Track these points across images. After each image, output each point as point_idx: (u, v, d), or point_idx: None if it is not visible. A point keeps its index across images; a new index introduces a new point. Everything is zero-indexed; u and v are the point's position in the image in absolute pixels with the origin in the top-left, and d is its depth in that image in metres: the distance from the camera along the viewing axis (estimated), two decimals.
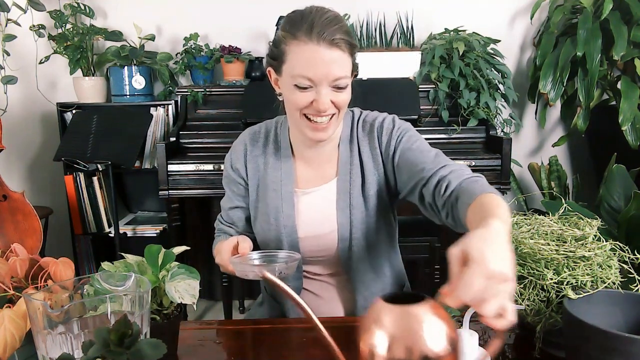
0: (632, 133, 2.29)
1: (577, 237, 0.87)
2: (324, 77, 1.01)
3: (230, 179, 1.22)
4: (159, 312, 0.86)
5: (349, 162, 1.15)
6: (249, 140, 1.21)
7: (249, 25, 2.78)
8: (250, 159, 1.19)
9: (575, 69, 2.41)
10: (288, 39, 1.03)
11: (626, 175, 1.99)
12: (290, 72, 1.03)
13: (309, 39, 1.00)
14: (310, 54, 1.00)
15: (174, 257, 0.88)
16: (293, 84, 1.03)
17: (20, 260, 0.82)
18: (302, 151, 1.17)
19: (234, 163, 1.20)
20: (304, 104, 1.03)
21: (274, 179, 1.17)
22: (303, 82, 1.02)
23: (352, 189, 1.14)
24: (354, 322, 1.04)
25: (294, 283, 1.19)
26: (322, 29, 1.00)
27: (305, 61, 1.01)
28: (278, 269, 0.96)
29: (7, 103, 2.70)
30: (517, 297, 0.85)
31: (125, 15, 2.76)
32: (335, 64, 1.01)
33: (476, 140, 2.44)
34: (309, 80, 1.01)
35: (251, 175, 1.19)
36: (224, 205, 1.25)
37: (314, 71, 1.00)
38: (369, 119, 1.18)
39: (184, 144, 2.45)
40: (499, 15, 2.78)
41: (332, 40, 0.99)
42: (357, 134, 1.17)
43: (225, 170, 1.23)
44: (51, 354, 0.67)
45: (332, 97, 1.03)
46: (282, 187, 1.16)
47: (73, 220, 2.69)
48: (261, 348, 0.95)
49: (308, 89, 1.02)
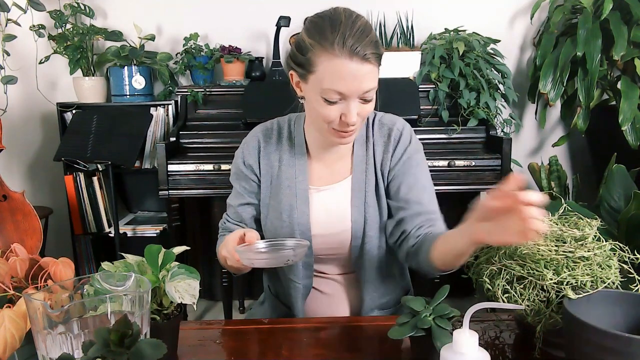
0: (632, 133, 2.29)
1: (577, 237, 0.87)
2: (355, 92, 0.99)
3: (241, 175, 1.20)
4: (159, 312, 0.86)
5: (364, 160, 1.15)
6: (262, 136, 1.19)
7: (249, 25, 2.78)
8: (264, 155, 1.18)
9: (575, 69, 2.41)
10: (317, 49, 0.98)
11: (626, 175, 1.99)
12: (319, 84, 1.00)
13: (341, 53, 0.97)
14: (342, 68, 0.97)
15: (174, 257, 0.88)
16: (322, 96, 1.01)
17: (20, 260, 0.82)
18: (317, 150, 1.16)
19: (247, 159, 1.19)
20: (332, 118, 1.02)
21: (288, 175, 1.16)
22: (333, 97, 1.00)
23: (367, 187, 1.14)
24: (358, 322, 1.04)
25: (304, 282, 1.19)
26: (354, 44, 0.96)
27: (337, 76, 0.98)
28: (286, 256, 0.94)
29: (7, 103, 2.70)
30: (517, 297, 0.85)
31: (125, 15, 2.76)
32: (365, 78, 0.99)
33: (476, 140, 2.44)
34: (339, 94, 1.00)
35: (264, 172, 1.18)
36: (231, 202, 1.22)
37: (346, 86, 0.98)
38: (386, 122, 1.17)
39: (184, 144, 2.45)
40: (499, 15, 2.78)
41: (364, 56, 0.97)
42: (372, 134, 1.16)
43: (236, 166, 1.21)
44: (51, 354, 0.67)
45: (359, 109, 1.02)
46: (296, 185, 1.15)
47: (73, 220, 2.69)
48: (261, 348, 0.95)
49: (337, 102, 1.01)
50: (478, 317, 1.02)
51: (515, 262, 0.87)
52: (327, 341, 0.96)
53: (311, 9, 1.09)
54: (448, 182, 2.30)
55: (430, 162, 2.28)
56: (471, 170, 2.30)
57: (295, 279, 1.18)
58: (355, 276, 1.20)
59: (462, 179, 2.30)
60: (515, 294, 0.85)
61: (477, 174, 2.30)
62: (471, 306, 0.69)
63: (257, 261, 0.96)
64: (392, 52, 2.55)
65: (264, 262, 0.99)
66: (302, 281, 1.18)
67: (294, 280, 1.18)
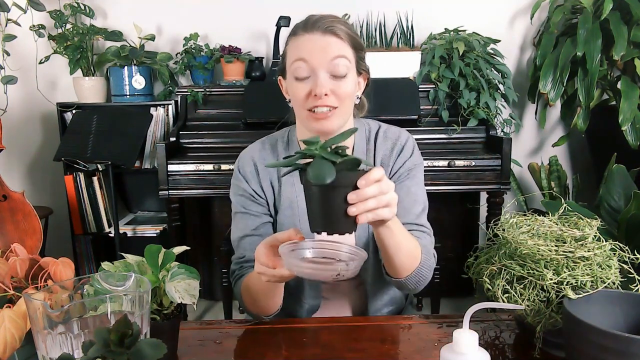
0: (632, 133, 2.29)
1: (577, 237, 0.87)
2: (317, 59, 1.00)
3: (248, 204, 1.14)
4: (159, 312, 0.86)
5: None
6: (257, 157, 1.16)
7: (249, 25, 2.78)
8: (263, 176, 1.15)
9: (575, 69, 2.41)
10: (288, 40, 1.06)
11: (626, 175, 1.99)
12: (289, 66, 1.04)
13: (304, 32, 1.02)
14: (304, 42, 1.02)
15: (174, 257, 0.88)
16: (293, 75, 1.03)
17: (20, 260, 0.82)
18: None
19: (250, 186, 1.14)
20: (303, 94, 1.02)
21: (289, 194, 1.14)
22: (300, 66, 1.01)
23: None
24: (358, 322, 1.04)
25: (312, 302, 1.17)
26: (316, 21, 1.02)
27: (301, 48, 1.02)
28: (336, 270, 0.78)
29: (7, 103, 2.70)
30: (517, 297, 0.85)
31: (125, 15, 2.76)
32: (329, 47, 1.01)
33: (476, 140, 2.44)
34: (304, 61, 1.01)
35: (268, 194, 1.15)
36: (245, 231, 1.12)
37: (308, 53, 1.01)
38: (390, 135, 1.16)
39: (184, 144, 2.45)
40: (499, 15, 2.78)
41: (327, 28, 1.01)
42: (375, 146, 1.15)
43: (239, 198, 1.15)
44: (51, 354, 0.67)
45: (331, 85, 1.01)
46: (298, 203, 1.13)
47: (73, 220, 2.69)
48: (261, 348, 0.95)
49: (306, 79, 1.02)
50: (478, 317, 1.02)
51: (515, 262, 0.87)
52: (327, 341, 0.96)
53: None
54: (448, 182, 2.30)
55: (430, 162, 2.28)
56: (471, 170, 2.30)
57: (302, 298, 1.17)
58: (360, 282, 1.19)
59: (462, 179, 2.30)
60: (515, 294, 0.85)
61: (477, 174, 2.30)
62: (471, 306, 0.69)
63: (301, 270, 0.79)
64: (392, 52, 2.55)
65: (309, 273, 0.79)
66: (310, 301, 1.17)
67: (301, 299, 1.17)
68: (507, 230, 0.91)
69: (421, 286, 1.05)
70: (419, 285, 1.04)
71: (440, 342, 0.94)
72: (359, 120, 1.18)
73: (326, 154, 0.72)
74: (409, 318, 1.07)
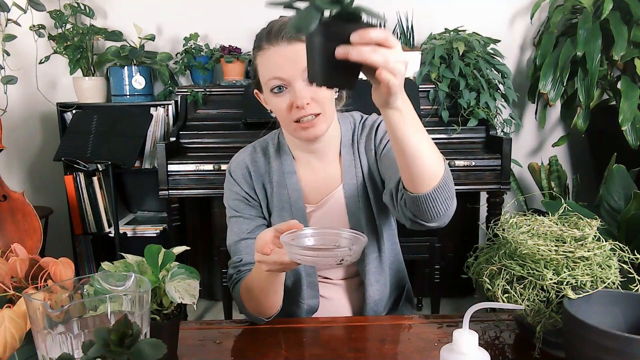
0: (632, 133, 2.29)
1: (577, 237, 0.87)
2: (290, 71, 1.00)
3: (242, 207, 1.14)
4: (159, 312, 0.86)
5: (353, 165, 1.15)
6: (249, 161, 1.16)
7: (249, 25, 2.76)
8: (255, 179, 1.15)
9: (575, 69, 2.41)
10: (255, 54, 1.07)
11: (626, 175, 1.99)
12: (264, 82, 1.05)
13: (269, 44, 1.02)
14: (272, 56, 1.02)
15: (174, 257, 0.88)
16: (269, 91, 1.04)
17: (20, 260, 0.82)
18: (303, 155, 1.16)
19: (244, 189, 1.15)
20: (284, 107, 1.02)
21: (282, 197, 1.14)
22: (274, 84, 1.02)
23: (359, 192, 1.14)
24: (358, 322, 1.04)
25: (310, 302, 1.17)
26: (279, 30, 1.01)
27: (272, 64, 1.02)
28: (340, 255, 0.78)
29: (7, 103, 2.70)
30: (517, 297, 0.85)
31: (125, 15, 2.76)
32: (298, 55, 1.00)
33: (476, 140, 2.44)
34: (279, 79, 1.01)
35: (261, 197, 1.16)
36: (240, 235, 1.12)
37: (281, 69, 1.01)
38: (368, 122, 1.18)
39: (184, 144, 2.46)
40: (499, 15, 2.79)
41: (291, 36, 1.00)
42: (357, 138, 1.17)
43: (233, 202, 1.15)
44: (51, 354, 0.67)
45: (310, 93, 1.01)
46: (292, 206, 1.14)
47: (73, 220, 2.69)
48: (261, 348, 0.95)
49: (283, 91, 1.02)
50: (478, 317, 1.02)
51: (515, 262, 0.87)
52: (327, 341, 0.96)
53: None
54: None
55: None
56: (471, 170, 2.30)
57: (300, 299, 1.17)
58: (357, 280, 1.19)
59: (462, 179, 2.30)
60: (515, 294, 0.85)
61: (477, 174, 2.30)
62: (471, 306, 0.69)
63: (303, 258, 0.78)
64: None
65: (311, 260, 0.79)
66: (308, 302, 1.17)
67: (299, 300, 1.17)
68: (507, 230, 0.91)
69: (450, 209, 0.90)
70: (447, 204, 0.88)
71: (440, 342, 0.94)
72: (344, 115, 1.19)
73: (321, 1, 0.65)
74: (409, 318, 1.07)
